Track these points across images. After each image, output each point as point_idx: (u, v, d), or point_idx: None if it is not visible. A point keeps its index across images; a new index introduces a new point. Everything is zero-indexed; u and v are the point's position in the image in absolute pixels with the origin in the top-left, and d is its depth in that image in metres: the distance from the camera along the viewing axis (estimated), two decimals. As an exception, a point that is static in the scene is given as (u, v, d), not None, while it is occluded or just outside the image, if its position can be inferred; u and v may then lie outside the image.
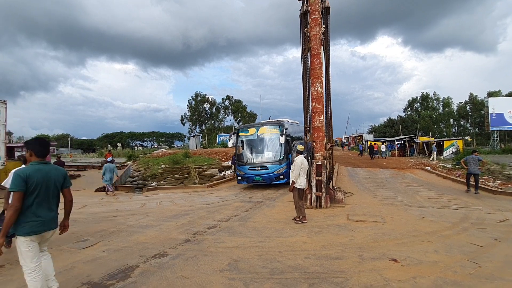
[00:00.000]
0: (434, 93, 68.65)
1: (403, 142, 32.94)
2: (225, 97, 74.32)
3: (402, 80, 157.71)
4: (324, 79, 8.79)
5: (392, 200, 9.13)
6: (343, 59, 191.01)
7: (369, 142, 35.16)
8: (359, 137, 57.01)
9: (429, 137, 38.46)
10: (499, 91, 57.19)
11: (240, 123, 64.64)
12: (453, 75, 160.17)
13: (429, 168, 17.97)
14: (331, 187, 8.68)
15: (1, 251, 2.71)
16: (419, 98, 69.17)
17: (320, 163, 8.17)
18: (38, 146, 2.99)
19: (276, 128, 12.04)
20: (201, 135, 52.43)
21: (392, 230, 5.85)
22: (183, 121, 72.42)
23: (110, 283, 3.66)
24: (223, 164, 19.25)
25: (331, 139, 9.01)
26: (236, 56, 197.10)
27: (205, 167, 18.50)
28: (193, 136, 38.71)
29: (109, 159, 12.89)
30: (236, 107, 72.06)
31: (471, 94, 64.07)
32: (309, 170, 8.38)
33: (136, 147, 70.78)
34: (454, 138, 31.67)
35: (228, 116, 73.49)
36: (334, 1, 8.92)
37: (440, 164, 19.70)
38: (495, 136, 39.18)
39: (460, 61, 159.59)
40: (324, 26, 8.81)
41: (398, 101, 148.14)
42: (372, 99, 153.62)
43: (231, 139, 13.23)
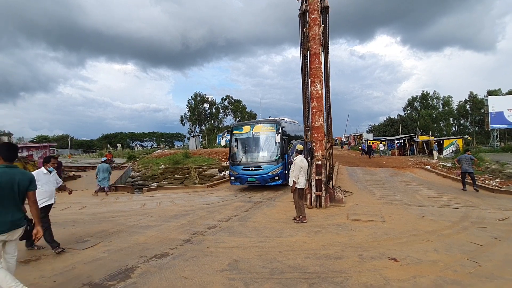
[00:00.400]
0: (434, 92, 68.67)
1: (403, 141, 32.94)
2: (225, 97, 74.35)
3: (402, 79, 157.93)
4: (324, 79, 8.79)
5: (392, 199, 9.13)
6: (342, 59, 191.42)
7: (368, 141, 35.46)
8: (359, 136, 57.10)
9: (429, 136, 38.47)
10: (499, 90, 57.14)
11: (240, 123, 64.39)
12: (453, 74, 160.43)
13: (429, 167, 17.97)
14: (331, 187, 8.68)
15: None
16: (419, 97, 69.13)
17: (320, 163, 8.18)
18: (6, 151, 3.13)
19: (272, 127, 11.47)
20: (201, 135, 52.40)
21: (392, 230, 5.86)
22: (183, 121, 72.41)
23: (111, 284, 3.66)
24: (223, 164, 19.26)
25: (331, 139, 9.01)
26: (235, 56, 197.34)
27: (205, 167, 18.51)
28: (193, 136, 38.69)
29: (103, 159, 13.09)
30: (236, 107, 72.04)
31: (471, 93, 64.03)
32: (309, 170, 8.39)
33: (136, 148, 70.71)
34: (454, 137, 31.64)
35: (228, 116, 73.49)
36: (333, 1, 8.93)
37: (440, 163, 19.71)
38: (495, 135, 39.20)
39: (459, 60, 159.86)
40: (323, 26, 8.81)
41: (398, 100, 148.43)
42: (372, 98, 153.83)
43: (225, 137, 12.90)
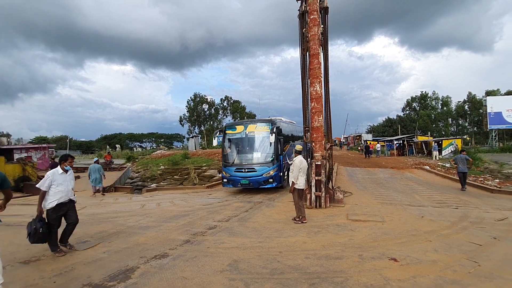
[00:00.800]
0: (433, 92, 68.80)
1: (402, 142, 33.01)
2: (224, 98, 74.39)
3: (400, 80, 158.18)
4: (323, 79, 8.81)
5: (391, 200, 9.15)
6: (341, 59, 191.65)
7: (367, 142, 36.19)
8: (358, 137, 57.17)
9: (428, 137, 38.55)
10: (498, 90, 57.32)
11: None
12: (451, 74, 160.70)
13: (428, 168, 18.01)
14: (331, 187, 8.69)
15: None
16: (418, 98, 69.23)
17: (320, 163, 8.19)
18: None
19: (267, 126, 10.96)
20: (200, 136, 52.38)
21: (392, 230, 5.87)
22: (182, 122, 72.41)
23: (111, 284, 3.66)
24: (223, 165, 19.24)
25: (331, 139, 9.02)
26: (234, 57, 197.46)
27: (204, 168, 18.51)
28: (192, 137, 38.67)
29: (95, 160, 13.19)
30: (235, 108, 72.06)
31: (470, 93, 64.24)
32: (309, 170, 8.40)
33: (135, 148, 70.65)
34: (453, 138, 31.73)
35: (227, 117, 73.48)
36: (331, 2, 8.93)
37: (439, 164, 19.75)
38: (494, 135, 39.33)
39: (457, 61, 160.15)
40: (323, 26, 8.83)
41: (396, 101, 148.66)
42: (370, 99, 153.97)
43: (217, 137, 12.50)
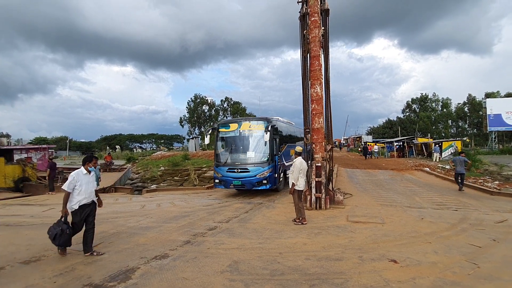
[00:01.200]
0: (434, 94, 68.85)
1: (402, 143, 33.04)
2: (224, 99, 74.41)
3: (400, 81, 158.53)
4: (324, 81, 8.83)
5: (391, 201, 9.16)
6: (341, 61, 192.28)
7: (366, 144, 36.84)
8: (358, 138, 57.24)
9: (428, 138, 38.58)
10: (498, 92, 57.43)
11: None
12: (450, 76, 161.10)
13: (428, 169, 18.02)
14: (331, 189, 8.70)
15: None
16: (418, 99, 69.25)
17: (320, 165, 8.20)
18: None
19: (262, 125, 10.41)
20: (200, 137, 52.39)
21: (392, 231, 5.88)
22: (182, 123, 72.39)
23: (111, 285, 3.67)
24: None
25: (331, 141, 9.04)
26: (234, 59, 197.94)
27: (205, 169, 18.50)
28: (192, 138, 38.68)
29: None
30: (235, 109, 72.09)
31: (470, 95, 64.33)
32: (309, 172, 8.41)
33: (135, 149, 70.63)
34: (453, 139, 31.75)
35: (228, 118, 73.54)
36: (331, 4, 8.96)
37: (439, 165, 19.76)
38: (493, 137, 39.35)
39: (457, 63, 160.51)
40: (324, 28, 8.86)
41: (396, 102, 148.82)
42: (370, 100, 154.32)
43: (207, 135, 11.63)
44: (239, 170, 10.24)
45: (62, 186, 4.68)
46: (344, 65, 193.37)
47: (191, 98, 72.35)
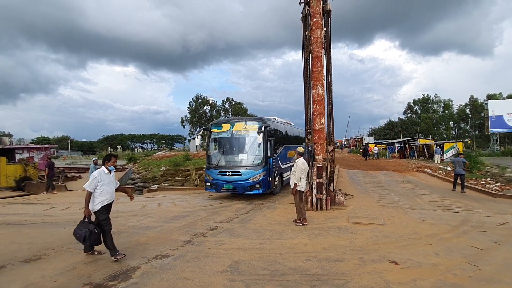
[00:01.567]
0: (435, 95, 68.68)
1: (404, 145, 32.97)
2: (225, 99, 74.49)
3: (402, 83, 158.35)
4: (326, 82, 8.83)
5: (393, 203, 9.14)
6: (342, 62, 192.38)
7: (367, 145, 37.25)
8: (360, 139, 57.16)
9: (429, 140, 38.49)
10: (500, 94, 57.26)
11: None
12: (452, 78, 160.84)
13: (430, 171, 17.97)
14: (332, 190, 8.69)
15: None
16: (420, 100, 69.06)
17: (321, 165, 8.20)
18: None
19: (255, 125, 9.86)
20: (202, 137, 52.30)
21: (393, 233, 5.87)
22: (183, 123, 72.49)
23: (112, 284, 3.67)
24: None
25: (333, 142, 9.02)
26: (235, 59, 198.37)
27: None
28: (194, 138, 38.66)
29: (94, 159, 13.43)
30: (237, 110, 72.14)
31: (472, 97, 64.12)
32: (310, 172, 8.40)
33: (137, 149, 70.72)
34: (454, 141, 31.67)
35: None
36: (332, 5, 8.95)
37: (441, 167, 19.70)
38: (495, 139, 39.24)
39: (458, 64, 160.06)
40: (326, 29, 8.85)
41: (398, 104, 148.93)
42: (372, 102, 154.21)
43: (199, 136, 11.18)
44: (231, 173, 9.73)
45: (84, 186, 4.55)
46: (346, 66, 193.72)
47: (193, 99, 72.53)
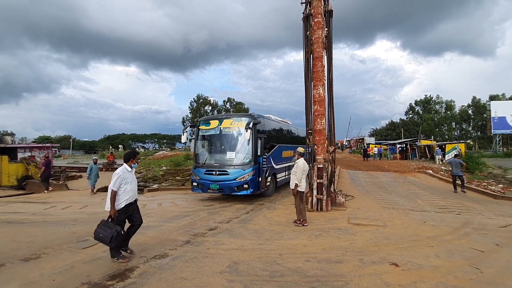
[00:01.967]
0: (437, 96, 68.43)
1: (405, 145, 32.85)
2: (227, 100, 74.50)
3: (403, 83, 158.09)
4: (327, 82, 8.79)
5: (394, 204, 9.09)
6: (344, 62, 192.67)
7: (368, 145, 37.20)
8: (361, 140, 57.06)
9: (431, 141, 38.34)
10: (503, 95, 56.98)
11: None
12: (454, 79, 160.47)
13: (431, 172, 17.89)
14: (332, 190, 8.65)
15: None
16: (422, 101, 68.83)
17: (322, 166, 8.17)
18: None
19: (244, 122, 9.27)
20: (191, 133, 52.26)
21: (393, 234, 5.83)
22: (185, 123, 72.54)
23: (110, 284, 3.66)
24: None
25: (334, 142, 8.98)
26: (236, 59, 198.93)
27: (206, 169, 18.46)
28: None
29: (94, 158, 13.78)
30: (238, 110, 72.08)
31: (474, 98, 63.83)
32: (311, 173, 8.37)
33: (138, 149, 70.84)
34: (456, 142, 31.53)
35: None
36: (333, 5, 8.92)
37: (442, 168, 19.61)
38: (498, 140, 39.05)
39: (460, 65, 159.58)
40: (327, 29, 8.82)
41: (399, 104, 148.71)
42: (373, 102, 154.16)
43: (185, 132, 10.28)
44: (218, 173, 9.20)
45: (110, 186, 4.46)
46: (347, 67, 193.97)
47: (194, 98, 72.61)
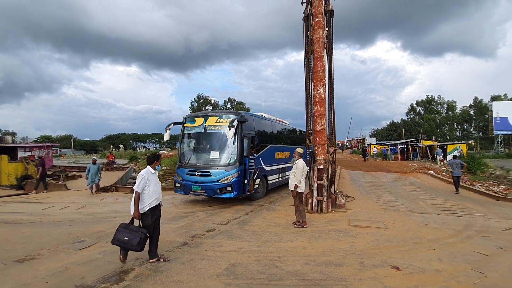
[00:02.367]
0: (439, 96, 68.18)
1: (406, 146, 32.72)
2: (227, 100, 74.45)
3: (405, 84, 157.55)
4: (327, 82, 8.70)
5: (395, 206, 8.99)
6: (345, 63, 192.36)
7: (370, 146, 38.57)
8: (362, 140, 56.98)
9: (432, 141, 38.17)
10: (505, 95, 56.76)
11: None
12: (455, 79, 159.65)
13: (432, 172, 17.78)
14: (333, 192, 8.56)
15: None
16: (424, 101, 68.58)
17: (322, 167, 8.07)
18: None
19: (230, 119, 8.69)
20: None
21: (394, 237, 5.73)
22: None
23: (104, 286, 3.58)
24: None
25: (334, 143, 8.88)
26: (237, 60, 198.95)
27: (207, 169, 18.39)
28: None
29: (93, 158, 14.00)
30: (239, 110, 72.13)
31: (476, 98, 63.58)
32: (310, 174, 8.28)
33: (139, 149, 70.87)
34: (458, 142, 31.38)
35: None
36: (334, 6, 8.82)
37: (444, 169, 19.49)
38: (499, 141, 38.88)
39: (461, 66, 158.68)
40: (328, 29, 8.73)
41: (400, 105, 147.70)
42: (374, 103, 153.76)
43: (168, 130, 9.65)
44: (200, 173, 8.69)
45: (134, 187, 4.38)
46: (348, 67, 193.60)
47: (194, 98, 72.58)
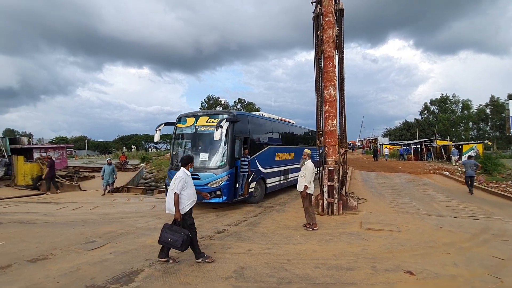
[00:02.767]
0: (453, 95, 66.41)
1: (420, 146, 32.00)
2: (237, 100, 74.69)
3: (418, 83, 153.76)
4: (338, 83, 8.58)
5: (408, 208, 8.77)
6: (356, 62, 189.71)
7: (382, 146, 37.81)
8: (374, 140, 56.10)
9: (447, 141, 37.20)
10: (524, 93, 54.72)
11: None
12: (470, 77, 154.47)
13: (447, 173, 17.31)
14: (344, 193, 8.43)
15: None
16: (438, 100, 66.95)
17: (333, 169, 7.95)
18: None
19: (219, 119, 8.15)
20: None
21: (408, 240, 5.58)
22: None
23: (113, 287, 3.60)
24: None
25: (345, 144, 8.75)
26: (247, 60, 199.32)
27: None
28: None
29: (108, 159, 14.15)
30: (249, 110, 72.21)
31: (492, 96, 61.55)
32: (320, 175, 8.18)
33: (151, 149, 71.84)
34: (474, 142, 30.44)
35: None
36: (344, 4, 8.69)
37: (459, 169, 18.95)
38: (518, 141, 37.47)
39: (476, 63, 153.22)
40: (338, 29, 8.61)
41: (413, 104, 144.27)
42: (386, 102, 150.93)
43: (158, 131, 9.26)
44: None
45: (172, 188, 4.35)
46: (359, 66, 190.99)
47: (205, 99, 73.03)
